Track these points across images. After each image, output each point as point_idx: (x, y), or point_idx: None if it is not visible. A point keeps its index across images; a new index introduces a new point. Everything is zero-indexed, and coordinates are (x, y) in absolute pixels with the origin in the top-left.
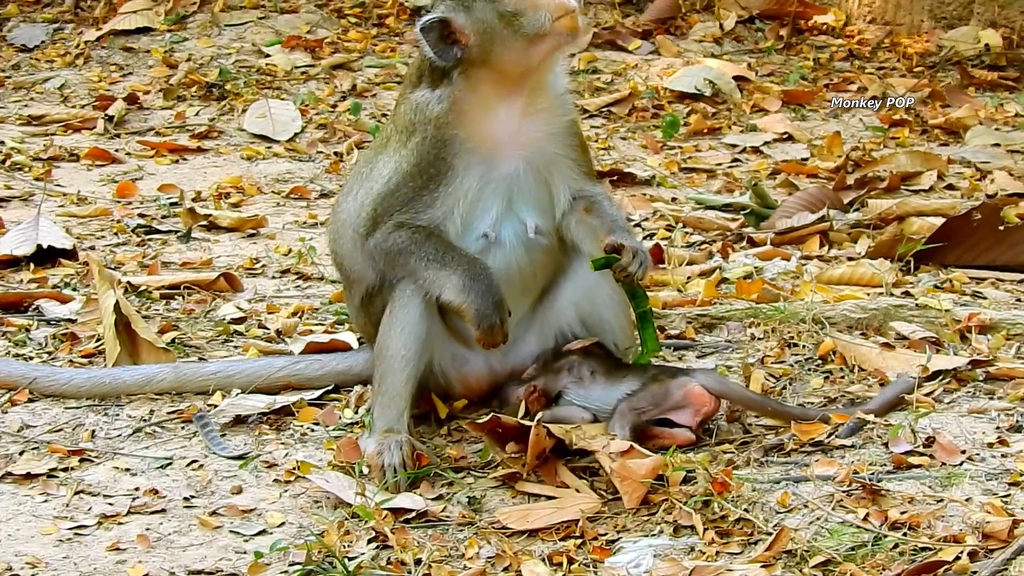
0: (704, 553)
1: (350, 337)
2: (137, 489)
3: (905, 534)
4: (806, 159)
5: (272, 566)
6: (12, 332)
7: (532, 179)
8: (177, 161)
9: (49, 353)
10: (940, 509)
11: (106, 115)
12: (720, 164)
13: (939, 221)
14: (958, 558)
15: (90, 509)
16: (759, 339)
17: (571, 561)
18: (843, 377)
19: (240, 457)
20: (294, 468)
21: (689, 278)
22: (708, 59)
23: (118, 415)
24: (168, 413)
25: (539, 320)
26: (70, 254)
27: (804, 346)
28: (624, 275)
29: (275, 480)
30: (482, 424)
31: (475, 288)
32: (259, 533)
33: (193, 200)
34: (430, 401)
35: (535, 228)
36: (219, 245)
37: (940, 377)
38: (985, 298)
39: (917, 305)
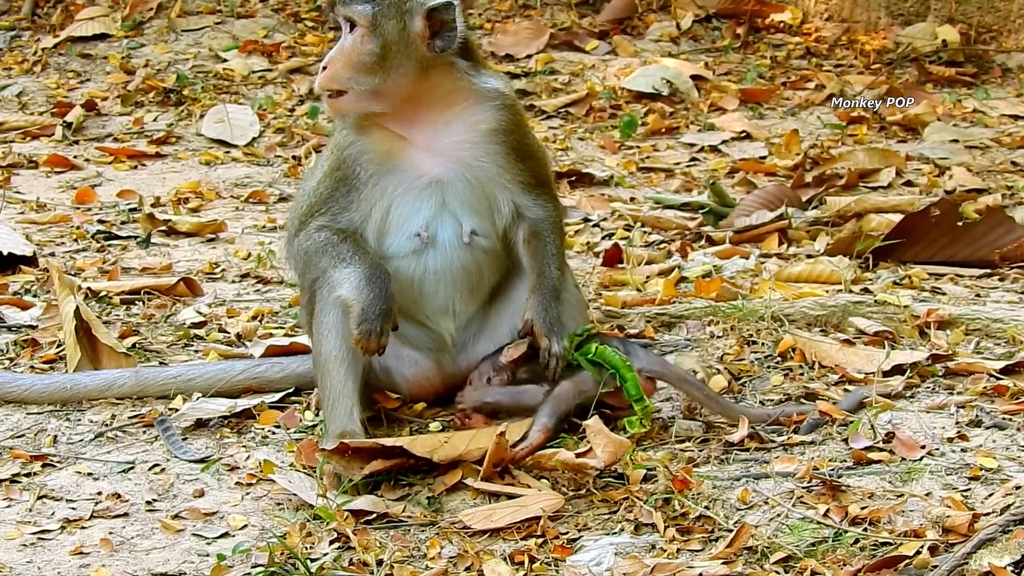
0: (665, 550)
1: (309, 340)
2: (99, 493)
3: (865, 529)
4: (764, 157)
5: (235, 568)
6: None
7: (462, 185)
8: (136, 167)
9: (11, 359)
10: (900, 504)
11: (64, 122)
12: (678, 163)
13: (898, 218)
14: (918, 553)
15: (53, 514)
16: (718, 337)
17: (532, 560)
18: (802, 374)
19: (202, 460)
20: (256, 470)
21: (648, 277)
22: (665, 59)
23: (80, 420)
24: (129, 417)
25: (491, 322)
26: (30, 261)
27: (763, 343)
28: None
29: (237, 483)
30: (332, 450)
31: (368, 290)
32: (221, 536)
33: (152, 205)
34: (381, 402)
35: (470, 231)
36: (178, 250)
37: (906, 373)
38: (944, 294)
39: (876, 302)
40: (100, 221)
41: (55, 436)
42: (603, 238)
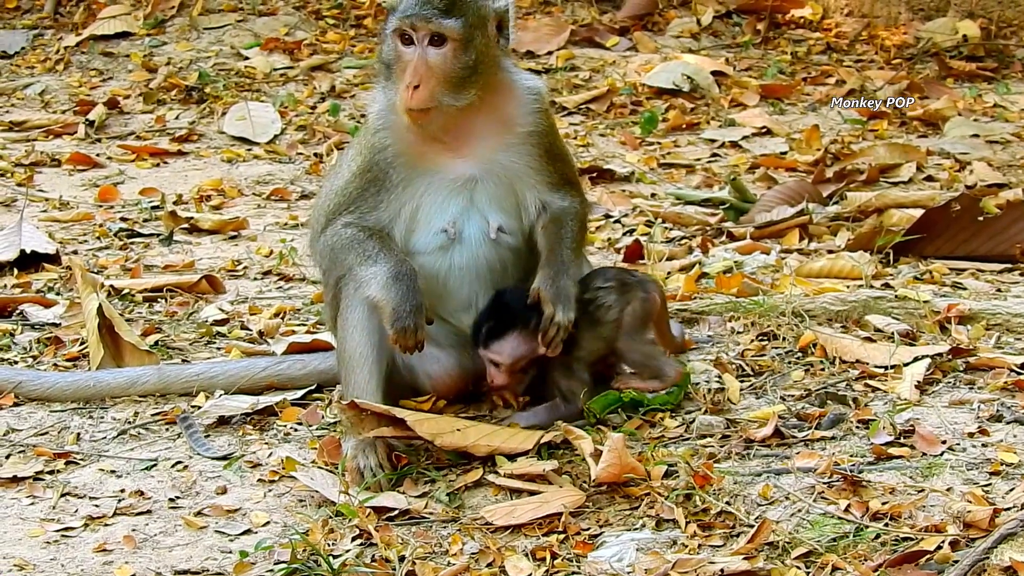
0: (686, 546)
1: (332, 337)
2: (123, 491)
3: (886, 524)
4: (785, 153)
5: (257, 565)
6: None
7: (492, 184)
8: (158, 164)
9: (34, 357)
10: (921, 499)
11: (87, 120)
12: (699, 159)
13: (918, 213)
14: (939, 547)
15: (76, 511)
16: (739, 333)
17: (554, 556)
18: (823, 369)
19: (224, 458)
20: (278, 467)
21: (669, 273)
22: (686, 54)
23: (103, 418)
24: (152, 415)
25: None
26: (53, 259)
27: (784, 339)
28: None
29: (259, 480)
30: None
31: (396, 288)
32: (244, 532)
33: (174, 203)
34: (402, 399)
35: (497, 228)
36: (201, 247)
37: (927, 367)
38: (965, 289)
39: (896, 297)
40: (123, 219)
41: (78, 434)
42: (624, 234)
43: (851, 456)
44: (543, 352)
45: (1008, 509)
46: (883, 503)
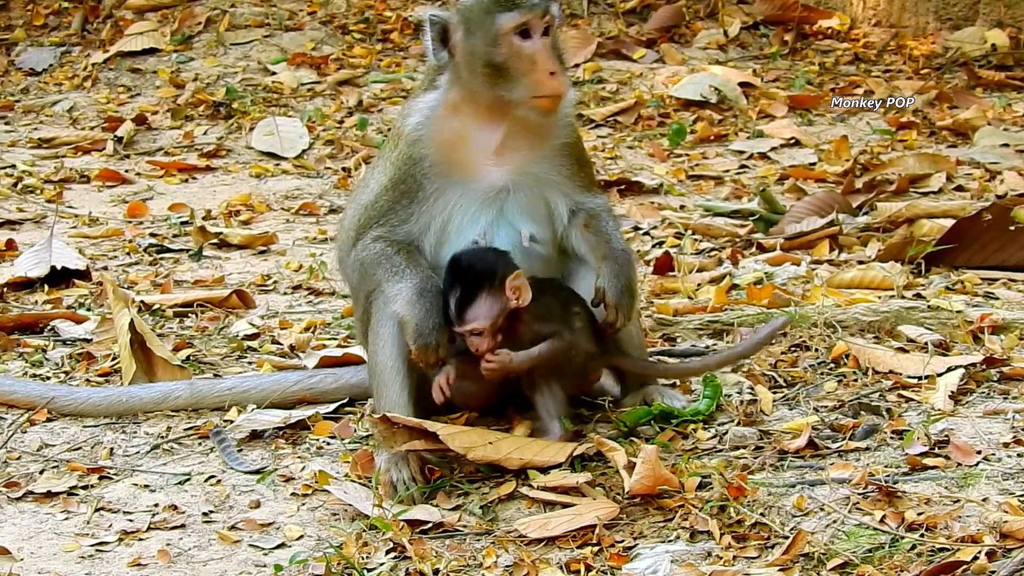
0: (721, 558)
1: (363, 351)
2: (156, 505)
3: (922, 535)
4: (814, 164)
5: None
6: (29, 353)
7: (524, 195)
8: (187, 180)
9: (66, 373)
10: (957, 510)
11: (115, 136)
12: (728, 171)
13: (949, 223)
14: (976, 558)
15: (111, 526)
16: (771, 344)
17: (588, 568)
18: (856, 380)
19: (257, 472)
20: (311, 481)
21: (699, 285)
22: (713, 66)
23: (136, 432)
24: (185, 429)
25: None
26: (84, 275)
27: (817, 350)
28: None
29: (293, 494)
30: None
31: (420, 304)
32: (278, 546)
33: (203, 218)
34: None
35: (529, 237)
36: (230, 262)
37: (961, 377)
38: (997, 298)
39: (929, 307)
40: (152, 235)
41: (111, 449)
42: (653, 246)
43: (886, 467)
44: (514, 305)
45: None
46: (918, 514)
